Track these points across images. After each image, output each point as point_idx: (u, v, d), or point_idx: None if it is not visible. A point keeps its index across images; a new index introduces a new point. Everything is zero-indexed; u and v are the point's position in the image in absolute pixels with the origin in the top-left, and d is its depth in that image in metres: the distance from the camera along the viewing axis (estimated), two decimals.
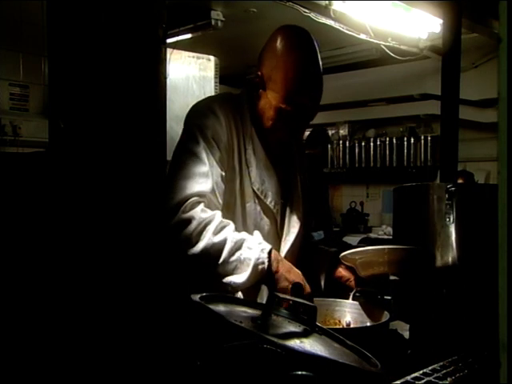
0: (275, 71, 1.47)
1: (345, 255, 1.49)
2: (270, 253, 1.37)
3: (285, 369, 0.83)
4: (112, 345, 1.35)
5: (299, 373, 0.82)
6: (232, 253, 1.36)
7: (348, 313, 1.48)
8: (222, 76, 4.10)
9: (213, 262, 1.37)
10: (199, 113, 1.55)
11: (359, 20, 3.68)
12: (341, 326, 1.44)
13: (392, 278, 1.39)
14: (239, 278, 1.36)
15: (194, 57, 3.86)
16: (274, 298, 1.02)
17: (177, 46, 3.80)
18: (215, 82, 3.98)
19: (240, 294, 1.46)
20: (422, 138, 5.83)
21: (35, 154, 1.81)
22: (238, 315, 0.99)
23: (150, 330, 1.39)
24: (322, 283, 1.63)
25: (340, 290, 1.59)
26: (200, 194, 1.41)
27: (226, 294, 1.38)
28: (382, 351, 1.10)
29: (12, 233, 1.45)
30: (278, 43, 1.49)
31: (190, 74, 3.85)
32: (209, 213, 1.40)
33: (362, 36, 3.99)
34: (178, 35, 4.01)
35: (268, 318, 0.99)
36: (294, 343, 0.91)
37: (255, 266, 1.35)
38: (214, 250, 1.36)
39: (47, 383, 1.35)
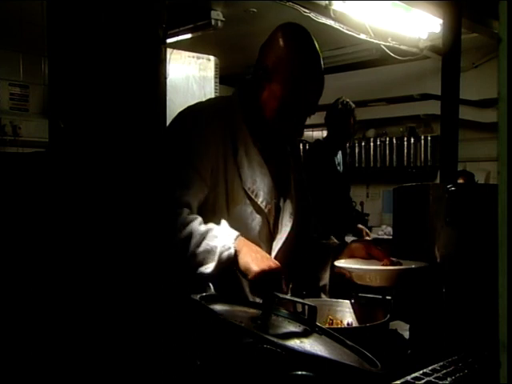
0: (281, 63, 1.50)
1: (340, 266, 1.49)
2: (237, 239, 1.38)
3: (285, 369, 0.83)
4: (112, 344, 1.35)
5: (299, 373, 0.82)
6: (198, 244, 1.38)
7: (349, 313, 1.48)
8: (222, 76, 4.10)
9: (182, 256, 1.39)
10: (184, 122, 1.56)
11: (359, 20, 3.68)
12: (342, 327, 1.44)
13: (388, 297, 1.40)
14: (208, 267, 1.37)
15: (193, 57, 3.86)
16: (274, 298, 1.02)
17: (177, 46, 3.80)
18: (215, 82, 3.98)
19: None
20: (422, 137, 5.83)
21: (35, 154, 1.81)
22: (237, 315, 0.99)
23: (150, 330, 1.39)
24: (327, 278, 1.63)
25: (342, 291, 1.59)
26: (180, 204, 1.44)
27: (200, 284, 1.41)
28: (382, 351, 1.10)
29: (12, 232, 1.45)
30: (284, 37, 1.53)
31: (189, 74, 3.85)
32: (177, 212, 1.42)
33: (362, 36, 3.99)
34: (177, 35, 4.01)
35: (268, 317, 0.99)
36: (294, 343, 0.91)
37: (221, 253, 1.36)
38: (181, 246, 1.38)
39: (47, 383, 1.35)
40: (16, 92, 3.58)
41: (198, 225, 1.40)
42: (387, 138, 6.06)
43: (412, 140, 5.88)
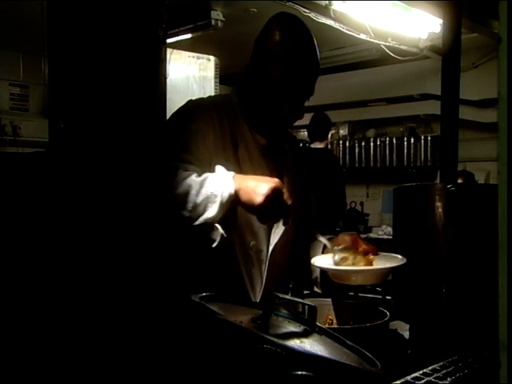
0: (276, 47, 1.55)
1: (316, 266, 1.51)
2: (234, 178, 1.39)
3: (285, 369, 0.83)
4: (112, 345, 1.35)
5: (299, 373, 0.82)
6: (197, 194, 1.36)
7: (349, 313, 1.48)
8: (222, 76, 4.10)
9: (184, 211, 1.37)
10: (183, 116, 1.56)
11: (359, 20, 3.68)
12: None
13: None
14: (211, 212, 1.35)
15: (193, 57, 3.86)
16: (274, 298, 1.02)
17: (177, 46, 3.80)
18: (215, 82, 3.98)
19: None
20: (422, 137, 5.83)
21: (35, 154, 1.81)
22: (238, 315, 0.99)
23: (150, 330, 1.39)
24: (318, 270, 1.64)
25: (338, 290, 1.59)
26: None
27: (202, 234, 1.40)
28: (382, 351, 1.10)
29: (12, 233, 1.45)
30: (275, 23, 1.62)
31: (190, 74, 3.85)
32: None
33: (362, 36, 3.99)
34: (177, 35, 4.01)
35: (268, 317, 0.99)
36: (294, 343, 0.91)
37: (222, 193, 1.35)
38: (181, 202, 1.36)
39: (47, 383, 1.35)
40: (16, 92, 3.58)
41: (194, 177, 1.39)
42: (387, 138, 6.06)
43: (412, 140, 5.88)
